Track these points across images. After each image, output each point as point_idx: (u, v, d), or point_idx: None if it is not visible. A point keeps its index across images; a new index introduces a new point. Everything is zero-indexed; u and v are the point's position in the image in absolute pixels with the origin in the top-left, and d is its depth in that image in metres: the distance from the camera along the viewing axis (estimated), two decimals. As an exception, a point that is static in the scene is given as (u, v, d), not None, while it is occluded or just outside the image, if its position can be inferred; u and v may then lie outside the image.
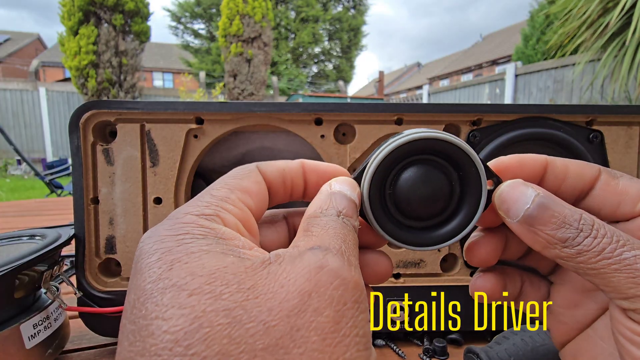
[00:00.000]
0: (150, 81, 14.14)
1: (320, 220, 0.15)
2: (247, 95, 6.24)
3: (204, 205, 0.14)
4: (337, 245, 0.13)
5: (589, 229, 0.14)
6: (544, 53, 6.53)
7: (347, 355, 0.11)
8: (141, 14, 5.42)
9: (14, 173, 5.81)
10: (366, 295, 0.12)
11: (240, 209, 0.15)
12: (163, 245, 0.12)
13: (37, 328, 0.28)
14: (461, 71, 13.79)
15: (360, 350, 0.11)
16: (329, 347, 0.10)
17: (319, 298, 0.11)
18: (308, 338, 0.10)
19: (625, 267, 0.13)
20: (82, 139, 0.32)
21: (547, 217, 0.15)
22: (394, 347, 0.33)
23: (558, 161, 0.17)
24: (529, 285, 0.19)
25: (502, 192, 0.16)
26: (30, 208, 1.05)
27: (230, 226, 0.14)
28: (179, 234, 0.12)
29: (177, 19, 10.93)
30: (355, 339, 0.11)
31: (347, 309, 0.11)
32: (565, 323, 0.18)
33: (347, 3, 11.67)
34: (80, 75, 5.19)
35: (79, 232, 0.32)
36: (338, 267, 0.12)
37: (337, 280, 0.12)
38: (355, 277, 0.12)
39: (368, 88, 20.82)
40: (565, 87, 4.19)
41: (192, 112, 0.32)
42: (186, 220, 0.13)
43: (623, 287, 0.13)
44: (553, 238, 0.14)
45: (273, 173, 0.17)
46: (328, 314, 0.11)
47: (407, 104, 0.33)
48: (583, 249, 0.14)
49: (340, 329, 0.11)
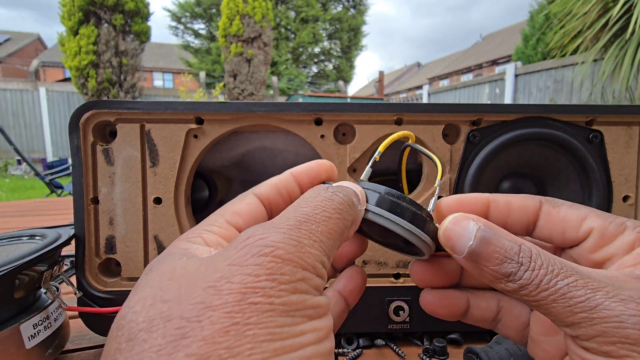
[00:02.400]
0: (150, 81, 14.14)
1: (300, 198, 0.15)
2: (247, 95, 6.24)
3: (192, 231, 0.16)
4: (284, 220, 0.14)
5: (527, 261, 0.14)
6: (543, 53, 6.53)
7: (251, 320, 0.11)
8: (141, 14, 5.41)
9: (14, 173, 5.81)
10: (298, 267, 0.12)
11: (225, 229, 0.16)
12: (150, 265, 0.14)
13: (37, 328, 0.28)
14: (461, 71, 13.79)
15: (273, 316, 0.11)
16: (229, 313, 0.11)
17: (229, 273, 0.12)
18: (209, 307, 0.11)
19: (560, 297, 0.13)
20: (82, 139, 0.32)
21: (490, 252, 0.15)
22: (393, 347, 0.33)
23: (500, 198, 0.18)
24: (507, 311, 0.20)
25: (445, 228, 0.16)
26: (30, 208, 1.05)
27: (211, 244, 0.15)
28: (159, 256, 0.15)
29: (177, 19, 10.93)
30: (265, 306, 0.11)
31: (258, 280, 0.12)
32: (546, 351, 0.18)
33: (347, 3, 11.67)
34: (81, 75, 5.19)
35: (79, 232, 0.32)
36: (259, 242, 0.12)
37: (252, 256, 0.12)
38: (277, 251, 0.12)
39: (368, 88, 20.82)
40: (565, 87, 4.19)
41: (192, 112, 0.32)
42: (173, 245, 0.15)
43: (562, 316, 0.13)
44: (497, 273, 0.15)
45: (267, 191, 0.18)
46: (235, 287, 0.11)
47: (407, 104, 0.33)
48: (524, 282, 0.14)
49: (247, 298, 0.11)
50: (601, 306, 0.13)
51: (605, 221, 0.16)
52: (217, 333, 0.11)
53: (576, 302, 0.13)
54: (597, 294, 0.13)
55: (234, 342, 0.11)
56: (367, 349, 0.33)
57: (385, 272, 0.34)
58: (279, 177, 0.19)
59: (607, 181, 0.34)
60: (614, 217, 0.16)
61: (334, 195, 0.15)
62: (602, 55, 2.54)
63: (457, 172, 0.34)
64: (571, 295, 0.13)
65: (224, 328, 0.11)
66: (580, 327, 0.13)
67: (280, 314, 0.11)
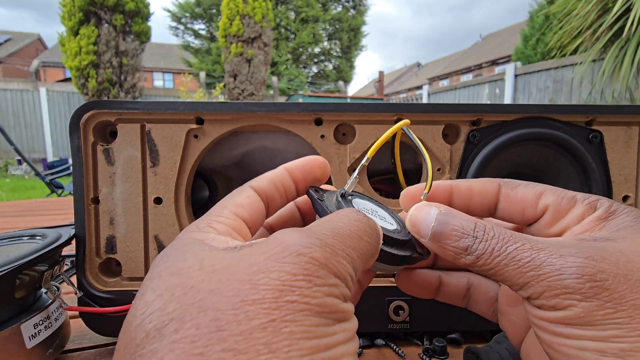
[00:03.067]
0: (151, 81, 14.14)
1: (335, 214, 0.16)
2: (247, 95, 6.24)
3: (200, 222, 0.16)
4: (319, 228, 0.14)
5: (481, 234, 0.16)
6: (543, 53, 6.53)
7: (288, 317, 0.11)
8: (141, 14, 5.42)
9: (14, 173, 5.81)
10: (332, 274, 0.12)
11: (232, 220, 0.17)
12: (162, 254, 0.14)
13: (38, 328, 0.28)
14: (461, 71, 13.79)
15: (308, 315, 0.11)
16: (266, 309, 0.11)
17: (266, 269, 0.12)
18: (245, 302, 0.11)
19: (510, 260, 0.15)
20: (83, 139, 0.32)
21: (448, 231, 0.16)
22: (393, 347, 0.33)
23: (462, 184, 0.19)
24: (476, 287, 0.21)
25: (411, 216, 0.18)
26: (30, 208, 1.05)
27: (223, 233, 0.16)
28: (172, 245, 0.15)
29: (178, 19, 10.93)
30: (301, 305, 0.11)
31: (295, 279, 0.12)
32: (513, 322, 0.19)
33: (347, 3, 11.67)
34: (81, 76, 5.19)
35: (79, 232, 0.32)
36: (297, 243, 0.12)
37: (290, 254, 0.12)
38: (314, 253, 0.12)
39: (368, 88, 20.82)
40: (565, 87, 4.19)
41: (192, 112, 0.32)
42: (183, 236, 0.15)
43: (514, 279, 0.15)
44: (457, 249, 0.16)
45: (264, 184, 0.19)
46: (272, 283, 0.11)
47: (407, 104, 0.33)
48: (479, 253, 0.16)
49: (284, 296, 0.11)
50: (545, 263, 0.14)
51: (559, 197, 0.18)
52: (255, 329, 0.11)
53: (524, 262, 0.15)
54: (540, 254, 0.14)
55: (272, 338, 0.10)
56: (367, 348, 0.33)
57: (385, 272, 0.34)
58: (274, 171, 0.19)
59: (606, 181, 0.34)
60: (565, 192, 0.18)
61: (366, 219, 0.16)
62: (602, 56, 2.54)
63: (457, 172, 0.34)
64: (519, 257, 0.15)
65: (262, 324, 0.11)
66: (529, 287, 0.14)
67: (315, 314, 0.11)
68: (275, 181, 0.19)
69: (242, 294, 0.11)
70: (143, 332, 0.11)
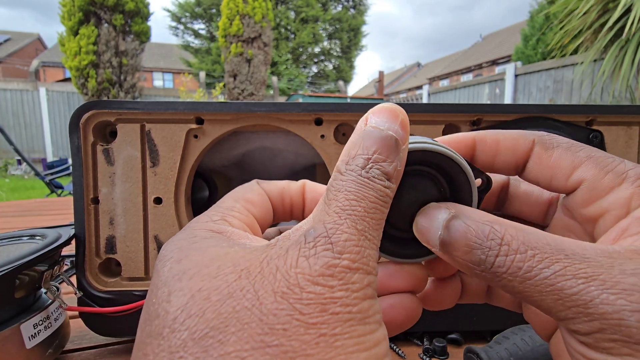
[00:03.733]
0: (151, 81, 14.14)
1: (339, 181, 0.13)
2: (247, 95, 6.24)
3: (212, 214, 0.15)
4: (335, 217, 0.12)
5: (496, 245, 0.12)
6: (543, 53, 6.53)
7: (337, 330, 0.10)
8: (141, 14, 5.42)
9: (14, 173, 5.81)
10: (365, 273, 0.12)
11: (245, 215, 0.16)
12: (176, 247, 0.13)
13: (38, 328, 0.28)
14: (461, 71, 13.79)
15: (354, 325, 0.11)
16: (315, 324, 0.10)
17: (305, 282, 0.11)
18: (292, 316, 0.10)
19: (547, 288, 0.11)
20: (83, 139, 0.32)
21: (458, 240, 0.13)
22: (393, 347, 0.33)
23: (488, 137, 0.16)
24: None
25: (416, 222, 0.15)
26: (30, 208, 1.05)
27: (237, 228, 0.15)
28: (188, 237, 0.14)
29: (177, 19, 10.93)
30: (346, 316, 0.11)
31: (336, 290, 0.11)
32: (539, 314, 0.17)
33: (347, 3, 11.67)
34: (81, 76, 5.19)
35: (79, 232, 0.32)
36: (327, 249, 0.12)
37: (322, 265, 0.11)
38: (343, 262, 0.11)
39: (368, 88, 20.82)
40: (565, 87, 4.19)
41: (192, 112, 0.32)
42: (196, 227, 0.14)
43: (554, 310, 0.11)
44: (469, 263, 0.13)
45: (272, 190, 0.18)
46: (313, 296, 0.11)
47: (407, 104, 0.33)
48: (498, 271, 0.12)
49: (329, 308, 0.11)
50: (597, 300, 0.11)
51: (602, 170, 0.14)
52: (307, 345, 0.10)
53: (567, 294, 0.11)
54: (590, 285, 0.11)
55: (325, 354, 0.10)
56: (367, 348, 0.33)
57: (385, 272, 0.34)
58: (290, 183, 0.18)
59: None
60: (615, 164, 0.14)
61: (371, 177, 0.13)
62: (602, 55, 2.54)
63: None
64: (560, 287, 0.11)
65: (314, 340, 0.10)
66: (575, 322, 0.11)
67: (359, 322, 0.11)
68: (284, 192, 0.18)
69: (286, 307, 0.11)
70: (178, 339, 0.10)
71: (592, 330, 0.11)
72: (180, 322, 0.10)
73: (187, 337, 0.10)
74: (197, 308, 0.11)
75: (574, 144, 0.15)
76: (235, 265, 0.12)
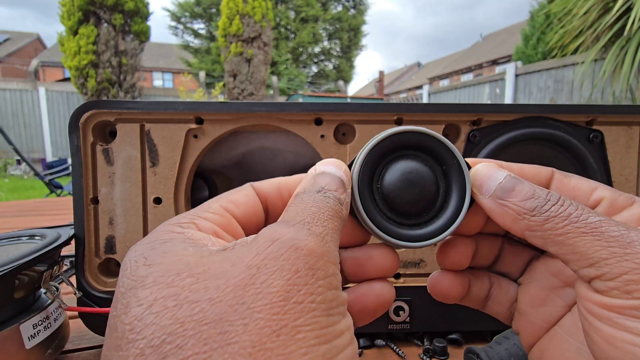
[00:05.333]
0: (150, 81, 14.13)
1: (298, 198, 0.15)
2: (247, 95, 6.24)
3: (182, 216, 0.15)
4: (301, 217, 0.13)
5: (556, 199, 0.15)
6: (544, 53, 6.53)
7: (298, 322, 0.10)
8: (141, 14, 5.41)
9: (13, 173, 5.80)
10: (330, 261, 0.12)
11: (220, 215, 0.16)
12: (136, 254, 0.13)
13: (37, 328, 0.28)
14: (461, 71, 13.79)
15: (317, 316, 0.11)
16: (276, 315, 0.10)
17: (267, 269, 0.11)
18: (253, 309, 0.10)
19: (591, 230, 0.13)
20: (82, 139, 0.32)
21: (517, 190, 0.15)
22: (394, 347, 0.33)
23: (514, 166, 0.18)
24: (497, 287, 0.20)
25: (477, 169, 0.17)
26: (29, 208, 1.05)
27: (205, 230, 0.14)
28: (149, 242, 0.13)
29: (177, 18, 10.92)
30: (309, 306, 0.11)
31: (299, 276, 0.11)
32: (532, 322, 0.18)
33: (347, 3, 11.67)
34: (80, 75, 5.19)
35: (78, 232, 0.32)
36: (290, 237, 0.12)
37: (287, 250, 0.11)
38: (310, 244, 0.12)
39: (368, 88, 20.82)
40: (566, 87, 4.19)
41: (192, 112, 0.32)
42: (160, 230, 0.14)
43: (589, 251, 0.13)
44: (522, 208, 0.15)
45: (268, 188, 0.17)
46: (277, 283, 0.11)
47: (407, 104, 0.33)
48: (551, 214, 0.14)
49: (291, 297, 0.11)
50: (636, 242, 0.13)
51: (615, 193, 0.16)
52: (267, 338, 0.10)
53: (609, 236, 0.13)
54: (631, 233, 0.13)
55: (285, 348, 0.10)
56: (367, 349, 0.33)
57: (386, 272, 0.34)
58: (286, 178, 0.18)
59: (607, 181, 0.34)
60: (622, 192, 0.17)
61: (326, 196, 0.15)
62: (603, 55, 2.54)
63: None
64: (604, 229, 0.13)
65: (274, 332, 0.10)
66: (607, 264, 0.13)
67: (322, 313, 0.11)
68: (281, 187, 0.18)
69: (247, 300, 0.10)
70: (136, 349, 0.10)
71: (623, 271, 0.12)
72: (137, 332, 0.10)
73: (145, 346, 0.10)
74: (152, 317, 0.10)
75: (582, 177, 0.18)
76: (192, 268, 0.12)
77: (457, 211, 0.17)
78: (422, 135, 0.17)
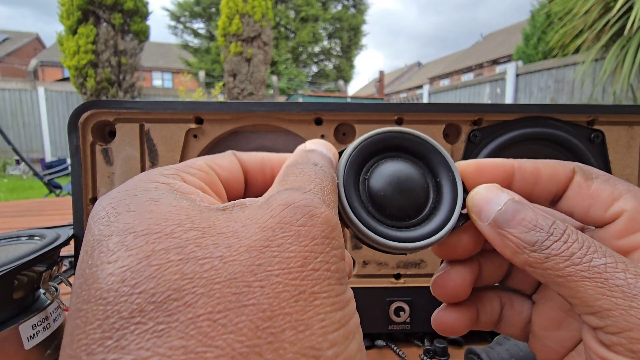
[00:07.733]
0: (150, 81, 14.12)
1: (296, 168, 0.14)
2: (247, 95, 6.24)
3: (165, 168, 0.14)
4: (310, 185, 0.13)
5: (559, 233, 0.13)
6: (544, 52, 6.53)
7: (315, 289, 0.10)
8: (140, 14, 5.41)
9: (12, 173, 5.80)
10: (340, 232, 0.12)
11: (206, 172, 0.15)
12: (112, 201, 0.11)
13: (36, 329, 0.27)
14: (462, 71, 13.79)
15: (332, 284, 0.10)
16: (294, 280, 0.10)
17: (283, 234, 0.11)
18: (271, 272, 0.10)
19: (594, 275, 0.12)
20: (81, 138, 0.32)
21: (517, 219, 0.14)
22: (394, 348, 0.33)
23: (527, 165, 0.16)
24: (509, 308, 0.18)
25: (475, 193, 0.16)
26: (29, 208, 1.05)
27: (191, 184, 0.13)
28: (129, 189, 0.12)
29: (177, 18, 10.91)
30: (325, 274, 0.10)
31: (315, 244, 0.11)
32: (548, 346, 0.17)
33: (347, 2, 11.66)
34: (79, 75, 5.18)
35: (78, 233, 0.32)
36: (306, 204, 0.11)
37: (304, 216, 0.11)
38: (325, 213, 0.11)
39: (368, 88, 20.82)
40: (567, 86, 4.19)
41: (191, 112, 0.32)
42: (141, 178, 0.13)
43: (590, 299, 0.12)
44: (522, 241, 0.14)
45: (250, 160, 0.17)
46: (294, 249, 0.10)
47: (408, 104, 0.33)
48: (551, 253, 0.13)
49: (308, 264, 0.10)
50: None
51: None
52: (286, 302, 0.09)
53: (613, 284, 0.12)
54: (639, 282, 0.12)
55: (304, 313, 0.10)
56: (368, 349, 0.33)
57: (386, 273, 0.34)
58: (270, 154, 0.17)
59: (608, 181, 0.34)
60: None
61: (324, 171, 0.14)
62: (604, 55, 2.54)
63: (457, 172, 0.34)
64: (608, 276, 0.12)
65: (293, 297, 0.10)
66: (609, 316, 0.12)
67: (336, 281, 0.11)
68: (264, 162, 0.17)
69: (264, 263, 0.10)
70: (131, 303, 0.09)
71: (627, 327, 0.11)
72: (131, 284, 0.09)
73: (144, 302, 0.09)
74: (153, 269, 0.09)
75: (611, 176, 0.16)
76: (194, 221, 0.11)
77: (444, 222, 0.16)
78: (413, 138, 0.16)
